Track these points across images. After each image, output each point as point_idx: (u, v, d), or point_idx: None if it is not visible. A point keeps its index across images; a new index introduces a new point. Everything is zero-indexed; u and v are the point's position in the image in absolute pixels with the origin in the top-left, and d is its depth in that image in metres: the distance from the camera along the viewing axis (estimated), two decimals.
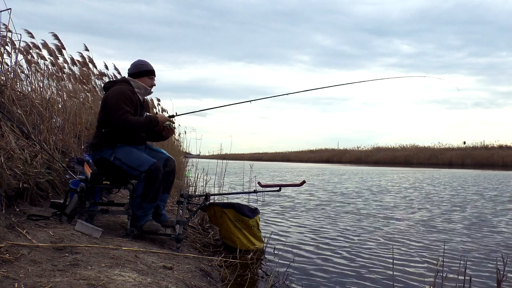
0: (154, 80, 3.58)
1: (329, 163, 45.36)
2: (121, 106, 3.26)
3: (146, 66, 3.53)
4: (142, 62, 3.55)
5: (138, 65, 3.52)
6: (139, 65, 3.52)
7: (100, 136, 3.37)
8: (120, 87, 3.37)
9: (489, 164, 34.93)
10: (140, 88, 3.48)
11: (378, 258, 3.85)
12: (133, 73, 3.50)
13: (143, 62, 3.55)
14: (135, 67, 3.52)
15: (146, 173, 3.21)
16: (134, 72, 3.50)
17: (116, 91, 3.32)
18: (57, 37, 5.79)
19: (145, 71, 3.51)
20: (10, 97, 4.30)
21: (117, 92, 3.32)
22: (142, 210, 3.26)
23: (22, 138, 3.97)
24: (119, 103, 3.26)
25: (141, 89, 3.48)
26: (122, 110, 3.25)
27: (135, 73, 3.49)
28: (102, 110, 3.37)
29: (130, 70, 3.53)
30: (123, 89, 3.35)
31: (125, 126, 3.26)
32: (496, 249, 4.32)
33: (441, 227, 5.55)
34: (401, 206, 7.71)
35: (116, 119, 3.23)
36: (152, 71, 3.55)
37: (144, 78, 3.50)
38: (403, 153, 43.01)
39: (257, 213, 3.98)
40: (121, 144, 3.33)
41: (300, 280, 3.18)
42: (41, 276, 1.99)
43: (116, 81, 3.59)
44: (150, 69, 3.54)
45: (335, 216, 6.31)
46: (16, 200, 3.24)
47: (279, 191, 4.00)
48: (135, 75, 3.49)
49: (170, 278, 2.39)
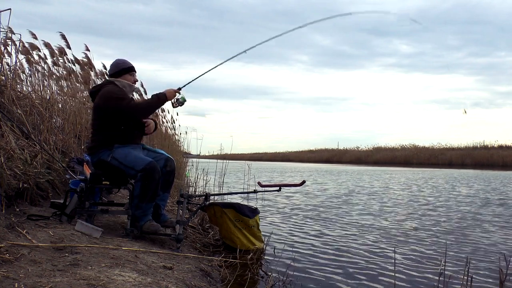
0: (136, 76, 3.64)
1: (329, 163, 45.35)
2: (123, 97, 3.37)
3: (125, 63, 3.58)
4: (120, 61, 3.59)
5: (117, 64, 3.57)
6: (118, 64, 3.56)
7: (96, 139, 3.41)
8: (111, 87, 3.43)
9: (489, 164, 34.92)
10: (125, 86, 3.51)
11: (379, 258, 3.85)
12: (114, 72, 3.54)
13: (122, 60, 3.60)
14: (115, 66, 3.56)
15: (142, 172, 3.22)
16: (115, 72, 3.54)
17: (108, 90, 3.38)
18: (64, 36, 5.79)
19: (125, 68, 3.55)
20: (10, 97, 4.30)
21: (110, 90, 3.38)
22: (141, 210, 3.26)
23: (22, 138, 3.97)
24: (118, 95, 3.36)
25: (126, 87, 3.52)
26: (127, 99, 3.39)
27: (116, 72, 3.54)
28: (97, 112, 3.41)
29: (111, 71, 3.58)
30: (114, 88, 3.43)
31: (138, 111, 3.38)
32: (498, 249, 4.32)
33: (442, 227, 5.55)
34: (401, 206, 7.71)
35: (127, 108, 3.33)
36: (131, 68, 3.59)
37: (125, 75, 3.54)
38: (403, 153, 43.02)
39: (257, 213, 3.98)
40: (119, 145, 3.34)
41: (300, 280, 3.18)
42: (41, 276, 1.99)
43: (102, 84, 3.61)
44: (130, 66, 3.58)
45: (336, 216, 6.31)
46: (16, 200, 3.24)
47: (279, 191, 4.00)
48: (116, 74, 3.53)
49: (170, 278, 2.39)
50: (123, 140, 3.38)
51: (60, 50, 5.82)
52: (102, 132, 3.38)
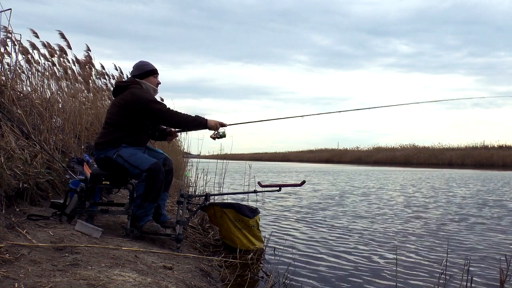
0: (158, 79, 3.59)
1: (329, 163, 45.35)
2: (156, 100, 3.39)
3: (149, 66, 3.52)
4: (144, 63, 3.53)
5: (141, 65, 3.51)
6: (142, 66, 3.51)
7: (107, 135, 3.34)
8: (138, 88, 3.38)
9: (489, 164, 34.91)
10: (149, 89, 3.47)
11: (380, 258, 3.85)
12: (137, 74, 3.48)
13: (145, 62, 3.54)
14: (139, 68, 3.50)
15: (147, 172, 3.20)
16: (139, 73, 3.48)
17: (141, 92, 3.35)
18: (63, 35, 5.78)
19: (149, 71, 3.50)
20: (10, 97, 4.30)
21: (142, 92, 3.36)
22: (143, 210, 3.25)
23: (22, 138, 3.97)
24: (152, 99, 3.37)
25: (150, 90, 3.47)
26: (161, 103, 3.41)
27: (140, 74, 3.48)
28: (121, 110, 3.33)
29: (134, 72, 3.51)
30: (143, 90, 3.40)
31: (173, 118, 3.34)
32: (499, 249, 4.32)
33: (442, 227, 5.55)
34: (402, 207, 7.71)
35: (162, 111, 3.32)
36: (155, 70, 3.55)
37: (149, 78, 3.50)
38: (403, 153, 43.02)
39: (257, 213, 3.98)
40: (126, 145, 3.32)
41: (300, 280, 3.18)
42: (41, 276, 1.99)
43: (127, 82, 3.52)
44: (153, 68, 3.53)
45: (336, 216, 6.31)
46: (16, 200, 3.24)
47: (279, 191, 4.00)
48: (140, 76, 3.47)
49: (170, 278, 2.39)
50: (132, 142, 3.35)
51: (61, 49, 5.82)
52: (118, 131, 3.31)
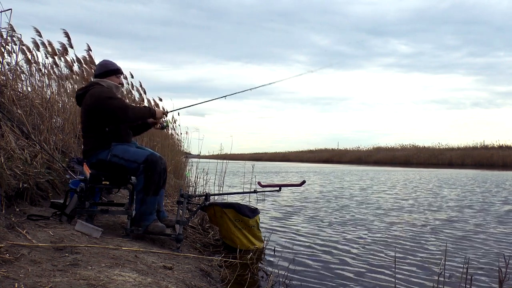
0: (121, 79, 3.61)
1: (329, 163, 45.34)
2: (113, 96, 3.36)
3: (112, 65, 3.54)
4: (107, 62, 3.55)
5: (104, 65, 3.53)
6: (105, 65, 3.52)
7: (90, 142, 3.35)
8: (98, 87, 3.38)
9: (489, 164, 34.90)
10: (111, 87, 3.47)
11: (379, 259, 3.85)
12: (100, 73, 3.50)
13: (109, 61, 3.57)
14: (102, 67, 3.52)
15: (144, 164, 3.23)
16: (101, 72, 3.49)
17: (97, 91, 3.34)
18: (68, 34, 5.77)
19: (112, 70, 3.51)
20: (10, 97, 4.30)
21: (99, 90, 3.35)
22: (146, 205, 3.25)
23: (22, 138, 3.97)
24: (108, 95, 3.33)
25: (112, 88, 3.48)
26: (118, 98, 3.38)
27: (102, 73, 3.49)
28: (87, 114, 3.34)
29: (97, 71, 3.53)
30: (102, 88, 3.39)
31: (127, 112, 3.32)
32: (498, 249, 4.32)
33: (442, 227, 5.55)
34: (401, 207, 7.71)
35: (117, 107, 3.29)
36: (119, 70, 3.56)
37: (112, 77, 3.50)
38: (403, 153, 43.00)
39: (257, 213, 3.98)
40: (116, 143, 3.34)
41: (300, 280, 3.18)
42: (41, 276, 1.99)
43: (88, 85, 3.54)
44: (116, 68, 3.54)
45: (336, 217, 6.31)
46: (16, 200, 3.24)
47: (279, 191, 4.00)
48: (103, 75, 3.49)
49: (170, 278, 2.39)
50: (120, 139, 3.38)
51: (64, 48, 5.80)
52: (96, 134, 3.31)
